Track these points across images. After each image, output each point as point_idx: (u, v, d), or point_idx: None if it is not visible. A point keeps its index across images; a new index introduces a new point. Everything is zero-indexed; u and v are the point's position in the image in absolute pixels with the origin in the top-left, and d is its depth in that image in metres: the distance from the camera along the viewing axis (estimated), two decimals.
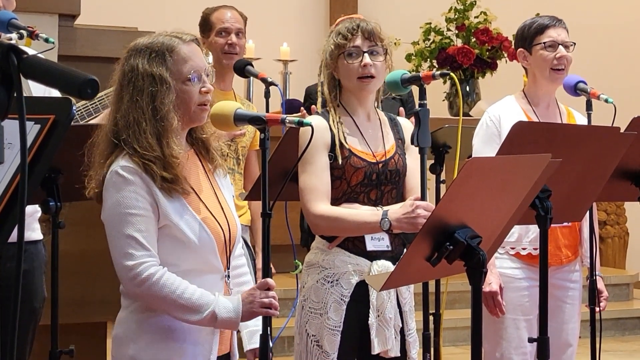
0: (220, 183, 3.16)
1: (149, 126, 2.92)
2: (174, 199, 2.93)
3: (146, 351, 2.95)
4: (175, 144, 2.94)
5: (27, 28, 3.75)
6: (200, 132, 3.12)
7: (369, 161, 3.53)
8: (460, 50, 8.38)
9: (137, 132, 2.92)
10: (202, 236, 2.95)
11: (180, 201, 2.95)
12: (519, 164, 2.83)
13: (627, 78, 9.54)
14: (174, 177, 2.92)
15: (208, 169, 3.13)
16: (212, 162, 3.13)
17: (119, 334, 3.01)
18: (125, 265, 2.88)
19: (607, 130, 3.49)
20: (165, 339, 2.96)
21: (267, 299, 2.98)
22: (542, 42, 4.20)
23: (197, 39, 3.09)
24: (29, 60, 1.30)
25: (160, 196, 2.91)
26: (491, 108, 4.30)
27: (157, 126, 2.92)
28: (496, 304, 4.07)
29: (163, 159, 2.91)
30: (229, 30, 4.77)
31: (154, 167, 2.89)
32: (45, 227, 3.81)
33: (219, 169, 3.16)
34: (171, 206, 2.92)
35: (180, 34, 3.05)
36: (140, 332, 2.96)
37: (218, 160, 3.15)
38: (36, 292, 3.80)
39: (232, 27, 4.77)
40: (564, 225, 4.15)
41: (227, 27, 4.77)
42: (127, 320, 3.00)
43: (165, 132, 2.92)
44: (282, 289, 5.42)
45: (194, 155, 3.11)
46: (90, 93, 1.26)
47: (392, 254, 3.53)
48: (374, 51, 3.53)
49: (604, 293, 4.29)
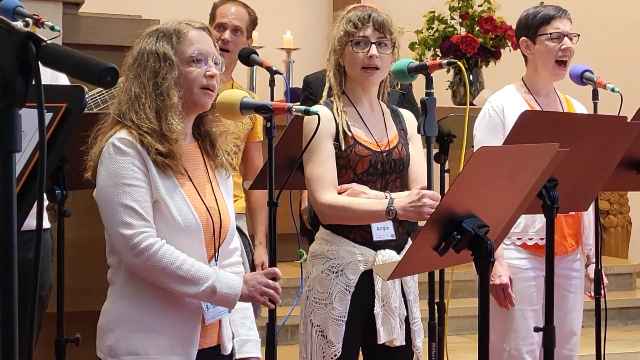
0: (222, 183, 3.14)
1: (149, 100, 2.93)
2: (166, 177, 2.92)
3: (123, 342, 2.93)
4: (174, 120, 2.93)
5: (33, 16, 3.75)
6: (209, 125, 3.11)
7: (374, 150, 3.54)
8: (464, 39, 8.37)
9: (137, 105, 2.93)
10: (189, 219, 2.93)
11: (172, 180, 2.94)
12: (527, 153, 2.82)
13: (633, 67, 9.52)
14: (169, 152, 2.91)
15: (210, 164, 3.11)
16: (215, 158, 3.12)
17: (101, 324, 3.00)
18: (123, 235, 2.85)
19: (614, 120, 3.49)
20: (143, 329, 2.93)
21: (270, 289, 2.97)
22: (548, 33, 4.18)
23: (208, 27, 3.10)
24: (47, 48, 1.30)
25: (154, 171, 2.90)
26: (493, 98, 4.28)
27: (157, 100, 2.93)
28: (506, 296, 4.06)
29: (160, 133, 2.91)
30: (225, 26, 4.75)
31: (150, 139, 2.89)
32: (51, 216, 3.82)
33: (222, 170, 3.15)
34: (163, 183, 2.91)
35: (192, 21, 3.08)
36: (117, 323, 2.94)
37: (222, 159, 3.13)
38: (43, 280, 3.80)
39: (228, 23, 4.74)
40: (568, 214, 4.15)
41: (224, 23, 4.75)
42: (109, 310, 2.99)
43: (165, 107, 2.93)
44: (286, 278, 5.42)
45: (197, 148, 3.10)
46: (110, 81, 1.26)
47: (396, 243, 3.54)
48: (382, 43, 3.52)
49: (605, 281, 4.29)
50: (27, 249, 3.57)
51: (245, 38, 4.80)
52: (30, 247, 3.42)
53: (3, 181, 1.30)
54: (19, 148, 1.29)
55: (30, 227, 1.50)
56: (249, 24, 4.82)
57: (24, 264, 1.84)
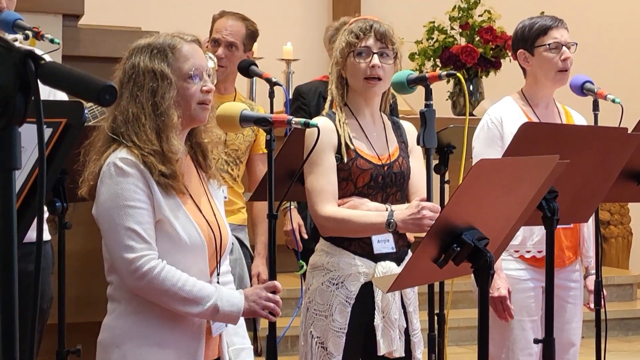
0: (214, 194, 3.14)
1: (149, 121, 2.90)
2: (169, 197, 2.91)
3: (131, 357, 2.92)
4: (175, 140, 2.92)
5: (33, 29, 3.75)
6: (201, 137, 3.10)
7: (375, 163, 3.54)
8: (464, 49, 8.37)
9: (136, 126, 2.90)
10: (194, 238, 2.93)
11: (175, 200, 2.93)
12: (527, 165, 2.82)
13: (634, 77, 9.53)
14: (172, 173, 2.90)
15: (202, 176, 3.11)
16: (207, 169, 3.12)
17: (104, 339, 2.98)
18: (125, 258, 2.84)
19: (615, 131, 3.48)
20: (150, 344, 2.92)
21: (270, 302, 2.98)
22: (547, 44, 4.16)
23: (198, 39, 3.09)
24: (46, 66, 1.30)
25: (157, 190, 2.88)
26: (491, 109, 4.27)
27: (157, 121, 2.90)
28: (505, 308, 4.06)
29: (162, 154, 2.89)
30: (219, 42, 4.76)
31: (153, 160, 2.87)
32: (52, 228, 3.82)
33: (213, 180, 3.14)
34: (166, 202, 2.90)
35: (182, 34, 3.05)
36: (124, 338, 2.93)
37: (213, 169, 3.12)
38: (44, 292, 3.80)
39: (222, 40, 4.74)
40: (567, 227, 4.15)
41: (218, 39, 4.76)
42: (112, 326, 2.97)
43: (165, 128, 2.91)
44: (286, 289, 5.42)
45: (190, 161, 3.09)
46: (109, 99, 1.27)
47: (395, 255, 3.54)
48: (384, 53, 3.53)
49: (604, 292, 4.29)
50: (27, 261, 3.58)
51: (242, 52, 4.79)
52: (31, 259, 3.42)
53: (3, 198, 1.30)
54: (19, 166, 1.29)
55: (31, 239, 1.51)
56: (246, 37, 4.81)
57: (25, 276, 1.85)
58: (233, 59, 4.74)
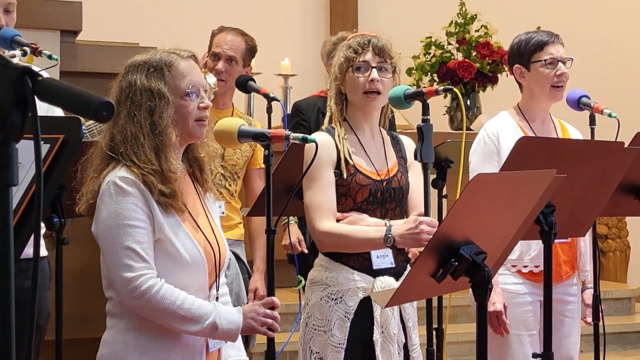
0: (211, 207, 3.15)
1: (147, 140, 2.90)
2: (169, 215, 2.92)
3: None
4: (173, 159, 2.93)
5: (31, 45, 3.75)
6: (197, 151, 3.11)
7: (374, 179, 3.54)
8: (461, 64, 8.38)
9: (135, 146, 2.90)
10: (195, 255, 2.94)
11: (175, 218, 2.94)
12: (525, 179, 2.82)
13: (630, 91, 9.54)
14: (172, 192, 2.91)
15: (199, 190, 3.11)
16: (204, 183, 3.12)
17: (104, 355, 2.98)
18: (124, 277, 2.85)
19: (611, 145, 3.49)
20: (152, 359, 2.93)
21: (268, 318, 2.98)
22: (542, 60, 4.18)
23: (194, 55, 3.09)
24: (43, 82, 1.30)
25: (157, 209, 2.89)
26: (488, 124, 4.28)
27: (156, 141, 2.91)
28: (500, 323, 4.06)
29: (161, 173, 2.90)
30: (219, 56, 4.77)
31: (153, 180, 2.88)
32: (49, 243, 3.82)
33: (209, 193, 3.15)
34: (166, 221, 2.91)
35: (178, 50, 3.04)
36: (124, 354, 2.93)
37: (210, 183, 3.13)
38: (41, 308, 3.80)
39: (222, 54, 4.76)
40: (564, 241, 4.15)
41: (218, 53, 4.78)
42: (112, 342, 2.97)
43: (164, 147, 2.91)
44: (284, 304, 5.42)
45: (188, 177, 3.09)
46: (106, 116, 1.27)
47: (394, 270, 3.54)
48: (383, 67, 3.54)
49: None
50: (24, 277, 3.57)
51: (242, 67, 4.81)
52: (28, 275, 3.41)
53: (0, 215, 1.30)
54: (16, 182, 1.29)
55: (28, 255, 1.51)
56: (245, 52, 4.82)
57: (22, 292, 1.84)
58: (233, 73, 4.75)
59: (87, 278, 4.53)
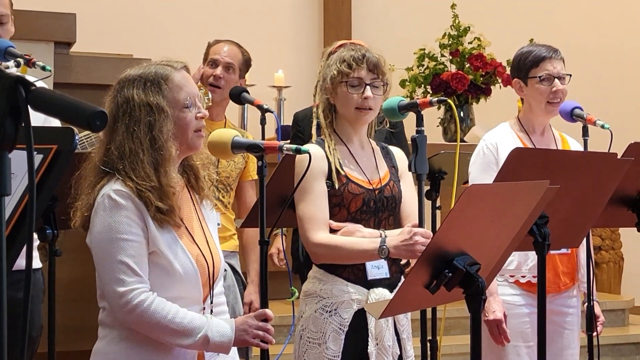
0: (207, 215, 3.14)
1: (147, 156, 2.89)
2: (164, 230, 2.92)
3: None
4: (173, 173, 2.93)
5: (24, 56, 3.76)
6: (192, 159, 3.10)
7: (367, 188, 3.54)
8: (455, 76, 8.39)
9: (134, 162, 2.89)
10: (188, 268, 2.94)
11: (171, 233, 2.94)
12: (518, 190, 2.82)
13: (623, 102, 9.56)
14: (169, 208, 2.90)
15: (196, 200, 3.11)
16: (200, 192, 3.12)
17: None
18: (116, 291, 2.85)
19: (604, 157, 3.49)
20: None
21: (261, 331, 2.97)
22: (538, 76, 4.20)
23: (186, 65, 3.09)
24: (37, 92, 1.30)
25: (152, 224, 2.89)
26: (487, 135, 4.30)
27: (156, 155, 2.90)
28: (501, 331, 4.05)
29: (160, 189, 2.89)
30: (217, 62, 4.79)
31: (150, 196, 2.87)
32: (42, 255, 3.81)
33: (206, 201, 3.14)
34: (161, 234, 2.90)
35: (171, 61, 3.04)
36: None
37: (206, 190, 3.13)
38: (33, 321, 3.79)
39: (220, 60, 4.79)
40: (563, 252, 4.16)
41: (217, 59, 4.80)
42: (104, 352, 2.96)
43: (164, 162, 2.91)
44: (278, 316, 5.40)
45: (184, 186, 3.09)
46: (99, 125, 1.26)
47: (389, 282, 3.53)
48: (375, 84, 3.54)
49: (601, 318, 4.28)
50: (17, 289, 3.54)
51: (238, 77, 4.83)
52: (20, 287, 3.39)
53: None
54: (9, 192, 1.29)
55: (20, 267, 1.50)
56: (242, 63, 4.85)
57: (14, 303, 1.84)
58: (230, 81, 4.77)
59: (79, 290, 4.53)
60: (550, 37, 5.39)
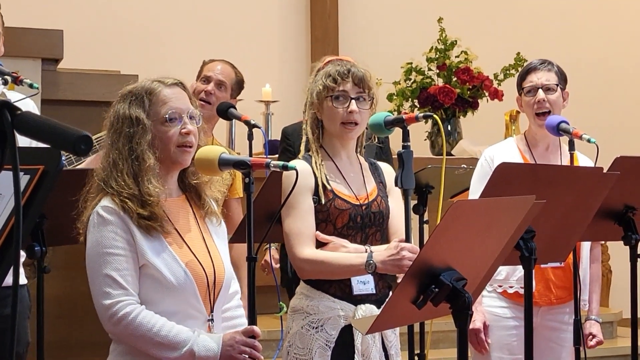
0: (213, 230, 3.18)
1: (125, 166, 2.97)
2: (153, 238, 2.97)
3: None
4: (152, 183, 2.98)
5: (12, 73, 3.76)
6: (192, 178, 3.15)
7: (353, 203, 3.54)
8: (442, 89, 8.41)
9: (115, 172, 2.98)
10: (181, 277, 2.96)
11: (160, 241, 2.98)
12: (504, 206, 2.84)
13: (609, 116, 9.59)
14: (150, 215, 2.96)
15: (199, 214, 3.15)
16: (203, 208, 3.16)
17: None
18: (102, 305, 2.91)
19: (590, 171, 3.52)
20: None
21: (248, 347, 2.98)
22: (524, 88, 4.27)
23: (181, 82, 3.12)
24: (22, 116, 1.31)
25: (138, 234, 2.94)
26: (488, 149, 4.37)
27: (133, 165, 2.98)
28: (479, 341, 4.08)
29: (139, 197, 2.96)
30: (209, 79, 4.85)
31: (131, 205, 2.94)
32: (29, 271, 3.80)
33: (213, 217, 3.19)
34: (149, 245, 2.95)
35: (164, 78, 3.11)
36: None
37: (211, 207, 3.17)
38: (19, 337, 3.78)
39: (213, 77, 4.85)
40: (557, 266, 4.16)
41: (209, 76, 4.86)
42: None
43: (141, 171, 2.97)
44: (267, 330, 5.39)
45: (185, 201, 3.13)
46: (84, 149, 1.27)
47: (376, 297, 3.53)
48: (361, 98, 3.54)
49: (597, 337, 4.29)
50: (3, 305, 3.55)
51: (229, 96, 4.87)
52: (7, 303, 3.42)
53: None
54: None
55: (7, 283, 1.51)
56: (235, 83, 4.90)
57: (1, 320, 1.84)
58: (220, 99, 4.81)
59: (68, 305, 4.52)
60: (536, 52, 5.43)
